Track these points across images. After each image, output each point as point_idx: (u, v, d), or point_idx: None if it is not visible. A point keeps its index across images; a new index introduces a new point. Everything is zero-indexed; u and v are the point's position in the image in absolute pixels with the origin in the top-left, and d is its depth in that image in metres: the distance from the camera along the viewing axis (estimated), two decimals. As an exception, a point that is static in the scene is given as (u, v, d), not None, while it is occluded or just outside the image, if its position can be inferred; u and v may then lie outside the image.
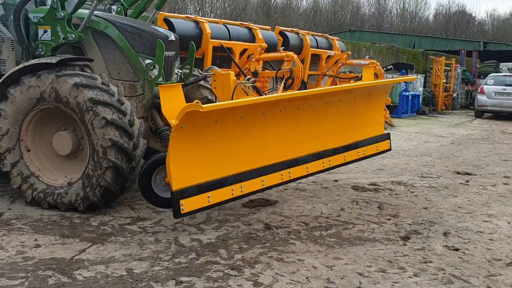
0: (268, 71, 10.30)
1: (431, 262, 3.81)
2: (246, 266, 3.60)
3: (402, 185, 6.33)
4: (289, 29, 12.78)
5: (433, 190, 6.14)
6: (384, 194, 5.83)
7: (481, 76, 28.16)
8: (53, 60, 4.69)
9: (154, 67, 5.31)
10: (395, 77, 15.94)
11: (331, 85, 12.98)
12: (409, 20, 61.64)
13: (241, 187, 4.20)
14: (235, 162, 4.21)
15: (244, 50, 10.57)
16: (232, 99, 4.98)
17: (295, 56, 9.63)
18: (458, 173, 7.25)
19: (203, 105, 3.51)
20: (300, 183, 6.26)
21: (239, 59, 10.35)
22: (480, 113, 17.84)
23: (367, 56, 16.85)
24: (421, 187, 6.29)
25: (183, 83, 5.90)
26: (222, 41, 9.90)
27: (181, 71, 5.91)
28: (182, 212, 3.86)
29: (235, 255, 3.82)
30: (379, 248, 4.07)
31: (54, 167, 4.98)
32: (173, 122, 3.64)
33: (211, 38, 9.75)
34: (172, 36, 5.60)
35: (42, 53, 5.29)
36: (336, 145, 5.19)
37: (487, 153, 9.34)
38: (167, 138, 5.54)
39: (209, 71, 5.47)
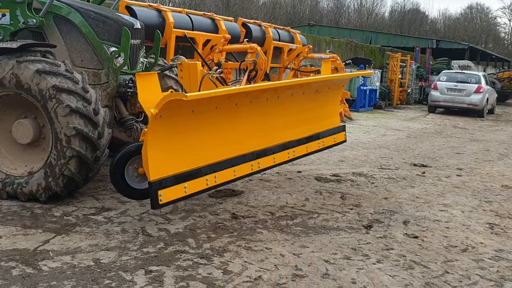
0: (232, 62, 10.29)
1: (392, 249, 3.96)
2: (215, 255, 3.63)
3: (362, 176, 6.51)
4: (252, 21, 12.80)
5: (392, 181, 6.36)
6: (346, 185, 5.98)
7: (434, 73, 29.16)
8: (14, 45, 4.53)
9: (119, 55, 5.23)
10: (353, 72, 16.29)
11: (292, 78, 13.13)
12: (366, 16, 63.08)
13: (215, 177, 4.21)
14: (209, 152, 4.22)
15: (207, 41, 10.52)
16: (199, 90, 4.97)
17: (259, 48, 9.66)
18: (414, 165, 7.53)
19: (186, 94, 3.49)
20: (265, 174, 6.33)
21: (202, 49, 10.29)
22: (433, 108, 18.49)
23: (328, 50, 17.12)
24: (381, 178, 6.49)
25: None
26: (185, 31, 9.81)
27: (146, 60, 5.84)
28: (160, 203, 3.81)
29: (203, 244, 3.84)
30: (343, 236, 4.19)
31: (13, 156, 4.83)
32: (152, 111, 3.59)
33: (174, 27, 9.64)
34: (137, 24, 5.52)
35: (0, 37, 5.10)
36: (300, 136, 5.31)
37: (441, 146, 9.73)
38: (132, 128, 5.49)
39: (175, 60, 5.42)
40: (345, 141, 6.15)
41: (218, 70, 5.48)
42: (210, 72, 5.27)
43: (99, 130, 4.63)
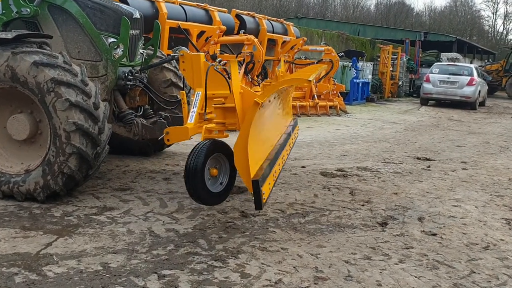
0: (227, 54, 10.05)
1: (412, 248, 3.81)
2: (230, 257, 3.44)
3: (368, 171, 6.35)
4: (246, 12, 12.56)
5: (399, 175, 6.21)
6: (353, 180, 5.82)
7: (423, 65, 29.21)
8: (9, 35, 4.26)
9: (118, 47, 4.99)
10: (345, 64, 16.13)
11: (287, 71, 12.94)
12: (352, 9, 63.20)
13: (274, 171, 4.11)
14: (267, 146, 4.18)
15: (202, 32, 10.27)
16: (205, 82, 4.74)
17: (256, 40, 9.45)
18: (418, 158, 7.40)
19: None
20: (269, 169, 6.15)
21: (196, 41, 10.04)
22: (425, 101, 18.45)
23: (322, 43, 16.93)
24: (387, 172, 6.35)
25: (149, 65, 5.61)
26: (179, 22, 9.55)
27: (145, 51, 5.60)
28: (263, 201, 3.57)
29: (216, 245, 3.64)
30: (360, 234, 4.02)
31: (8, 153, 4.56)
32: (256, 100, 3.43)
33: (168, 18, 9.39)
34: (136, 14, 5.27)
35: (-9, 28, 4.82)
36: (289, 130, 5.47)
37: (441, 139, 9.63)
38: (132, 122, 5.25)
39: (177, 51, 5.18)
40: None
41: (222, 62, 5.25)
42: (214, 64, 5.04)
43: (100, 125, 4.39)
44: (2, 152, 4.54)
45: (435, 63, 20.64)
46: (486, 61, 42.63)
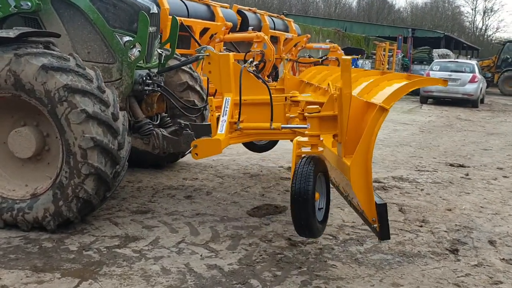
0: (234, 53, 9.37)
1: (501, 282, 3.23)
2: (295, 304, 2.81)
3: (405, 181, 5.77)
4: (247, 8, 11.90)
5: (441, 186, 5.64)
6: (395, 194, 5.23)
7: (415, 62, 28.86)
8: (11, 33, 3.55)
9: (135, 46, 4.31)
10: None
11: (290, 70, 12.32)
12: (334, 6, 63.05)
13: None
14: None
15: (205, 29, 9.59)
16: (240, 86, 4.09)
17: (266, 37, 8.82)
18: (451, 165, 6.84)
19: None
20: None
21: (200, 38, 9.35)
22: (424, 99, 17.99)
23: (328, 40, 16.35)
24: (426, 183, 5.77)
25: (169, 67, 4.95)
26: (181, 19, 8.84)
27: (162, 51, 4.92)
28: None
29: (273, 287, 3.01)
30: (434, 266, 3.43)
31: (9, 173, 3.87)
32: (382, 104, 2.85)
33: (169, 14, 8.67)
34: (154, 8, 4.58)
35: (-15, 26, 4.09)
36: None
37: (462, 141, 9.11)
38: (151, 134, 4.58)
39: (202, 51, 4.50)
40: None
41: (254, 63, 4.62)
42: (245, 65, 4.40)
43: (119, 139, 3.73)
44: (2, 173, 3.83)
45: (435, 60, 20.19)
46: (469, 57, 42.57)
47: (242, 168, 6.07)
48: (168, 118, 5.05)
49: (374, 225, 2.90)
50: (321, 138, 3.30)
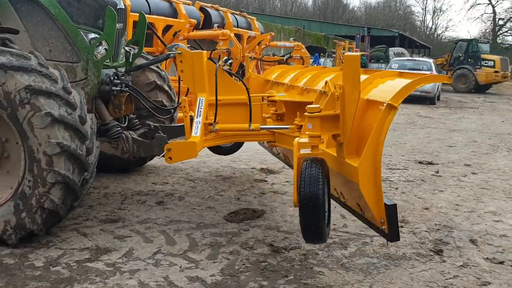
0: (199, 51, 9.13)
1: (489, 283, 3.18)
2: (286, 317, 2.66)
3: (379, 181, 5.73)
4: (209, 5, 11.65)
5: (414, 184, 5.63)
6: (371, 193, 5.16)
7: (372, 60, 29.39)
8: (-37, 29, 3.21)
9: (101, 44, 4.03)
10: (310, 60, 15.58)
11: (254, 69, 12.16)
12: (290, 5, 63.65)
13: None
14: None
15: (167, 27, 9.29)
16: (216, 85, 3.89)
17: (232, 35, 8.62)
18: (420, 163, 6.88)
19: None
20: (274, 183, 5.38)
21: (163, 36, 9.04)
22: (384, 96, 18.25)
23: (291, 38, 16.27)
24: (399, 181, 5.75)
25: (137, 66, 4.68)
26: (143, 16, 8.51)
27: (130, 48, 4.64)
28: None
29: (261, 299, 2.84)
30: (421, 268, 3.35)
31: (-36, 183, 3.51)
32: (390, 102, 2.69)
33: (131, 11, 8.33)
34: (121, 3, 4.31)
35: None
36: None
37: (427, 138, 9.23)
38: (119, 137, 4.30)
39: (173, 49, 4.26)
40: None
41: (229, 61, 4.43)
42: (220, 63, 4.19)
43: (88, 144, 3.46)
44: (-45, 183, 3.48)
45: (393, 59, 20.56)
46: (421, 55, 43.81)
47: (213, 170, 5.87)
48: (137, 120, 4.78)
49: (382, 227, 2.77)
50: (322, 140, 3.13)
